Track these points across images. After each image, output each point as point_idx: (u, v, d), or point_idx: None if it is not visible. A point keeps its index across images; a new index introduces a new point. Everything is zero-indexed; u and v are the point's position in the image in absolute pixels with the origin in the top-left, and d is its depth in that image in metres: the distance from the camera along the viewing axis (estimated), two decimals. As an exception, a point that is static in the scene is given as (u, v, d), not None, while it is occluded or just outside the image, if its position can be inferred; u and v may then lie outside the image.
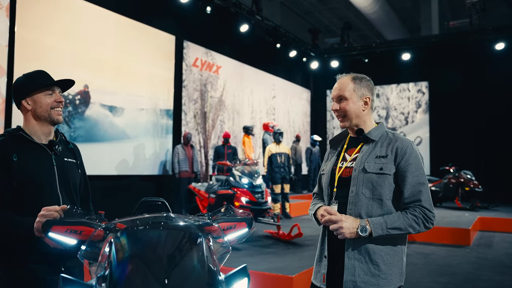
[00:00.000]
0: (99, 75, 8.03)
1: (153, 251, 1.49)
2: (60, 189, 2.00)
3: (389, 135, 1.97)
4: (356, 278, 1.86)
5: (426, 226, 1.86)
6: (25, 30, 6.81)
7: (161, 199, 2.17)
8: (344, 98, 1.98)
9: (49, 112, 2.00)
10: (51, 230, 1.60)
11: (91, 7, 7.93)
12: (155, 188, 9.52)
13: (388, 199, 1.88)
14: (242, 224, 1.82)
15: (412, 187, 1.86)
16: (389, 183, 1.88)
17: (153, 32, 9.42)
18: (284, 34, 13.38)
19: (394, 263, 1.89)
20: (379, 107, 15.68)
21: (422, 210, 1.84)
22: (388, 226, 1.80)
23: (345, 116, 1.99)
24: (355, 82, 1.99)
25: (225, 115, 11.73)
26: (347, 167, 1.97)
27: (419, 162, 1.90)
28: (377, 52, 14.90)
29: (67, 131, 7.38)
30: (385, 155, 1.90)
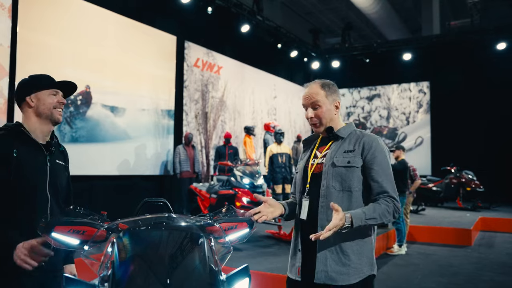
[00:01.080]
0: (101, 75, 8.04)
1: (155, 251, 1.50)
2: (49, 190, 2.03)
3: (357, 132, 2.09)
4: (327, 268, 1.94)
5: (394, 216, 1.96)
6: (27, 30, 6.83)
7: (163, 199, 2.18)
8: (318, 105, 2.07)
9: (51, 111, 2.04)
10: (54, 230, 1.61)
11: (92, 7, 7.94)
12: (157, 188, 9.53)
13: (358, 191, 1.99)
14: (243, 225, 1.83)
15: (379, 179, 1.96)
16: (357, 176, 1.98)
17: (155, 32, 9.43)
18: (285, 34, 13.38)
19: (363, 252, 1.97)
20: (380, 107, 15.68)
21: (391, 200, 1.95)
22: (366, 217, 1.88)
23: (320, 122, 2.09)
24: (324, 89, 2.08)
25: (226, 115, 11.73)
26: (318, 163, 2.08)
27: (385, 156, 2.01)
28: (378, 52, 14.89)
29: (68, 131, 7.40)
30: (353, 150, 2.01)
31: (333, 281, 1.93)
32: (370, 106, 15.91)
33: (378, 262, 6.27)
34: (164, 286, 1.38)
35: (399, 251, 6.89)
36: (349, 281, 1.93)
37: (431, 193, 11.55)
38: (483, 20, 14.17)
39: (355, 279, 1.94)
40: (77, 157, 7.55)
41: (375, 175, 1.96)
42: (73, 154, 7.45)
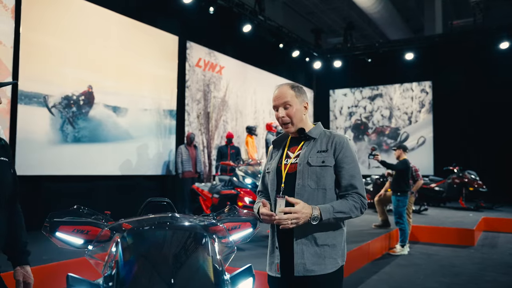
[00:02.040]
0: (103, 75, 8.05)
1: (159, 251, 1.50)
2: None
3: (326, 133, 2.20)
4: (305, 261, 2.04)
5: (361, 211, 2.10)
6: (30, 31, 6.84)
7: (166, 199, 2.18)
8: (289, 105, 2.15)
9: None
10: (58, 230, 1.61)
11: (94, 8, 7.96)
12: (159, 188, 9.54)
13: (331, 188, 2.10)
14: (247, 225, 1.83)
15: (349, 176, 2.09)
16: (331, 174, 2.10)
17: (156, 32, 9.44)
18: (287, 34, 13.37)
19: (337, 244, 2.10)
20: (382, 107, 15.65)
21: (359, 196, 2.08)
22: (334, 210, 2.00)
23: (290, 122, 2.17)
24: (294, 89, 2.18)
25: (228, 115, 11.73)
26: (292, 163, 2.16)
27: (354, 155, 2.14)
28: (380, 52, 14.87)
29: (71, 131, 7.41)
30: (326, 150, 2.12)
31: (311, 272, 2.03)
32: (372, 106, 15.88)
33: (380, 262, 6.25)
34: (169, 285, 1.38)
35: (402, 251, 6.88)
36: (326, 271, 2.04)
37: (433, 193, 11.53)
38: (486, 19, 14.11)
39: (331, 269, 2.05)
40: (80, 157, 7.57)
41: (345, 173, 2.08)
42: (76, 154, 7.50)
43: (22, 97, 6.71)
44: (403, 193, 6.86)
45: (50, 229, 1.61)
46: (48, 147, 7.05)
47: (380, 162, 6.95)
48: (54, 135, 7.15)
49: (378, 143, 15.49)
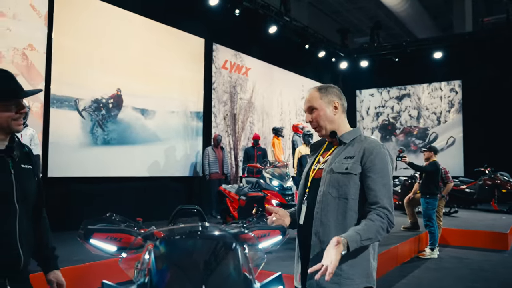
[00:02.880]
0: (131, 79, 8.20)
1: (190, 260, 1.52)
2: (17, 199, 1.76)
3: (361, 138, 2.02)
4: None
5: (387, 231, 1.87)
6: (61, 37, 7.03)
7: (196, 207, 2.20)
8: (314, 108, 2.05)
9: (9, 123, 1.75)
10: (92, 237, 1.66)
11: (123, 13, 8.11)
12: (186, 189, 9.64)
13: (354, 199, 1.91)
14: (276, 232, 1.84)
15: (375, 188, 1.88)
16: (354, 183, 1.91)
17: (183, 35, 9.54)
18: (313, 34, 13.31)
19: (357, 264, 1.90)
20: (410, 107, 15.40)
21: (385, 214, 1.85)
22: (361, 238, 1.79)
23: (318, 125, 2.06)
24: (320, 91, 2.06)
25: (254, 116, 11.76)
26: (319, 169, 2.05)
27: (385, 164, 1.92)
28: (408, 51, 14.62)
29: (101, 134, 7.57)
30: (353, 156, 1.94)
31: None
32: (400, 106, 15.64)
33: (409, 266, 6.15)
34: None
35: (431, 255, 6.75)
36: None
37: (464, 195, 11.26)
38: (519, 16, 13.69)
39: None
40: (109, 159, 7.73)
41: (371, 183, 1.88)
42: (105, 156, 7.66)
43: (54, 101, 6.90)
44: (432, 195, 6.73)
45: (85, 236, 1.67)
46: (79, 150, 7.23)
47: (408, 164, 6.84)
48: (85, 138, 7.33)
49: (406, 143, 15.24)
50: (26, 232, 1.82)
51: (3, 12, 6.36)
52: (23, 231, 1.79)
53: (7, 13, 6.40)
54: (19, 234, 1.76)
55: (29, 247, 1.83)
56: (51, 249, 2.02)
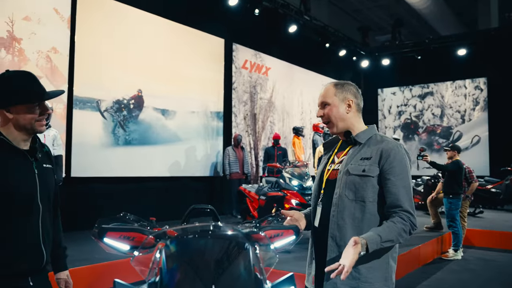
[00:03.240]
0: (152, 79, 8.29)
1: (201, 259, 1.52)
2: (40, 199, 1.81)
3: (377, 137, 1.95)
4: (336, 280, 1.82)
5: (411, 233, 1.82)
6: (84, 39, 7.16)
7: (210, 206, 2.21)
8: (326, 103, 1.98)
9: (32, 124, 1.79)
10: (106, 235, 1.68)
11: (143, 14, 8.21)
12: (207, 189, 9.69)
13: (371, 202, 1.85)
14: (289, 232, 1.82)
15: (396, 191, 1.82)
16: (372, 185, 1.85)
17: (203, 36, 9.60)
18: (333, 33, 13.21)
19: (376, 267, 1.85)
20: (433, 105, 15.13)
21: (408, 217, 1.80)
22: (382, 240, 1.75)
23: (330, 122, 1.99)
24: (336, 87, 2.00)
25: (275, 116, 11.75)
26: (334, 169, 1.98)
27: (404, 165, 1.86)
28: (431, 48, 14.36)
29: (122, 134, 7.67)
30: (369, 157, 1.88)
31: None
32: (423, 104, 15.39)
33: (431, 267, 6.02)
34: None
35: (455, 256, 6.62)
36: None
37: (489, 195, 11.01)
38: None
39: None
40: (131, 159, 7.83)
41: (391, 186, 1.82)
42: (127, 156, 7.76)
43: (77, 102, 7.02)
44: (455, 195, 6.60)
45: (99, 235, 1.69)
46: (101, 150, 7.34)
47: (430, 163, 6.72)
48: (106, 138, 7.44)
49: (429, 142, 14.99)
50: (48, 230, 1.88)
51: (29, 17, 6.51)
52: (45, 230, 1.84)
53: (33, 18, 6.55)
54: (42, 232, 1.82)
55: (49, 244, 1.89)
56: (62, 249, 2.08)
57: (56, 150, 4.97)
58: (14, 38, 6.34)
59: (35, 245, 1.79)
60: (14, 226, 1.73)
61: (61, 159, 5.01)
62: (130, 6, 7.96)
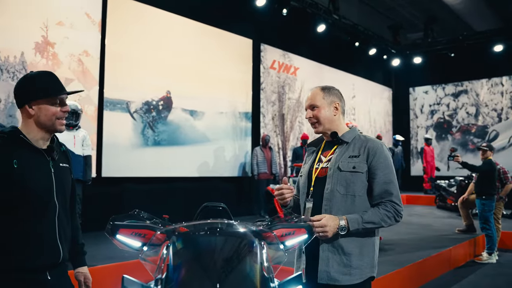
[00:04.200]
0: (180, 81, 8.40)
1: (207, 257, 1.53)
2: (56, 196, 1.88)
3: (361, 137, 2.16)
4: (330, 269, 2.01)
5: (396, 220, 2.05)
6: (114, 42, 7.33)
7: (222, 204, 2.23)
8: (315, 106, 2.18)
9: (53, 122, 1.86)
10: (118, 232, 1.72)
11: (172, 17, 8.33)
12: (235, 189, 9.73)
13: (361, 195, 2.05)
14: (302, 231, 1.82)
15: (383, 184, 2.04)
16: (362, 181, 2.05)
17: (231, 37, 9.65)
18: (363, 32, 13.03)
19: (365, 254, 2.05)
20: (468, 104, 14.69)
21: (392, 205, 2.03)
22: (363, 221, 1.98)
23: (317, 122, 2.18)
24: (324, 91, 2.22)
25: (303, 116, 11.68)
26: (323, 167, 2.15)
27: (389, 161, 2.08)
28: (465, 45, 13.95)
29: (151, 135, 7.81)
30: (358, 155, 2.08)
31: (335, 281, 2.00)
32: (456, 103, 14.97)
33: (463, 270, 5.87)
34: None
35: (489, 260, 6.41)
36: (351, 281, 2.00)
37: (527, 196, 10.59)
38: None
39: (357, 280, 2.01)
40: (160, 160, 7.95)
41: (378, 180, 2.03)
42: (156, 156, 7.89)
43: (107, 103, 7.20)
44: (488, 196, 6.39)
45: (112, 231, 1.73)
46: (131, 151, 7.50)
47: (461, 163, 6.53)
48: (136, 139, 7.59)
49: (463, 142, 14.57)
50: (65, 227, 1.94)
51: (62, 22, 6.72)
52: (62, 227, 1.90)
53: (65, 23, 6.76)
54: (58, 229, 1.88)
55: (67, 241, 1.95)
56: (80, 245, 2.14)
57: (86, 151, 5.11)
58: (48, 42, 6.56)
59: (52, 241, 1.85)
60: (31, 222, 1.79)
61: (90, 159, 5.14)
62: (158, 8, 8.09)
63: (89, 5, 7.07)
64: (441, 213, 10.51)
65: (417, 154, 15.49)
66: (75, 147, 4.95)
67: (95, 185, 6.38)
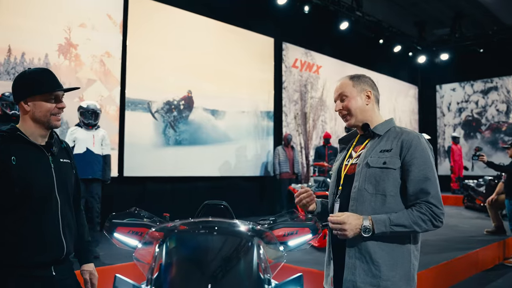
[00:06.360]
0: (202, 80, 8.41)
1: (199, 256, 1.49)
2: (58, 192, 1.89)
3: (396, 129, 1.89)
4: (356, 278, 1.77)
5: (434, 224, 1.74)
6: (135, 43, 7.40)
7: (223, 202, 2.18)
8: (345, 96, 1.95)
9: (48, 118, 1.87)
10: (116, 230, 1.70)
11: (193, 16, 8.35)
12: (257, 189, 9.70)
13: (393, 195, 1.78)
14: (305, 230, 1.75)
15: (418, 182, 1.75)
16: (394, 178, 1.78)
17: (252, 36, 9.62)
18: (387, 29, 12.79)
19: (398, 264, 1.77)
20: (498, 101, 14.23)
21: (429, 206, 1.73)
22: (391, 223, 1.71)
23: (348, 114, 1.95)
24: (353, 80, 1.97)
25: (326, 115, 11.56)
26: (352, 164, 1.91)
27: (427, 156, 1.78)
28: (494, 40, 13.53)
29: (173, 134, 7.85)
30: (390, 149, 1.81)
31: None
32: (486, 100, 14.53)
33: (491, 274, 5.64)
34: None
35: (519, 262, 6.17)
36: None
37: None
38: None
39: None
40: (181, 159, 7.98)
41: (413, 178, 1.76)
42: (177, 156, 7.92)
43: (129, 104, 7.26)
44: (518, 197, 6.15)
45: (109, 229, 1.72)
46: (152, 150, 7.55)
47: (487, 163, 6.29)
48: (157, 139, 7.64)
49: (493, 140, 14.12)
50: (69, 223, 1.94)
51: (84, 24, 6.83)
52: (65, 222, 1.91)
53: (88, 24, 6.86)
54: (62, 224, 1.89)
55: (71, 236, 1.95)
56: (86, 242, 2.13)
57: (105, 150, 5.15)
58: (71, 44, 6.66)
59: (55, 236, 1.86)
60: (33, 218, 1.81)
61: (109, 158, 5.19)
62: (179, 8, 8.13)
63: (110, 6, 7.15)
64: (469, 213, 10.21)
65: (444, 153, 15.12)
66: (94, 147, 4.99)
67: (116, 184, 6.45)
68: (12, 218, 1.79)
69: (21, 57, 6.14)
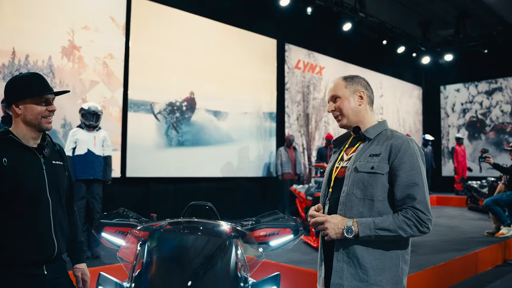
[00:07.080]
0: (204, 81, 8.48)
1: (178, 255, 1.54)
2: (49, 193, 1.94)
3: (387, 133, 1.88)
4: (343, 282, 1.77)
5: (420, 230, 1.72)
6: (138, 44, 7.47)
7: (208, 203, 2.23)
8: (337, 96, 1.95)
9: (39, 121, 1.93)
10: (103, 230, 1.76)
11: (195, 18, 8.41)
12: (260, 190, 9.74)
13: (381, 200, 1.77)
14: (287, 231, 1.79)
15: (405, 187, 1.74)
16: (382, 183, 1.77)
17: (255, 37, 9.67)
18: (391, 29, 12.78)
19: (385, 269, 1.76)
20: (503, 102, 14.18)
21: (415, 212, 1.72)
22: (376, 226, 1.71)
23: (341, 114, 1.95)
24: (346, 80, 1.97)
25: (329, 116, 11.57)
26: (342, 167, 1.91)
27: (415, 161, 1.77)
28: (499, 41, 13.48)
29: (175, 135, 7.92)
30: (379, 154, 1.80)
31: None
32: (490, 101, 14.47)
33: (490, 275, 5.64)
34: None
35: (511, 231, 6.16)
36: None
37: None
38: None
39: None
40: (183, 160, 8.05)
41: (400, 183, 1.74)
42: (180, 157, 7.99)
43: (132, 105, 7.34)
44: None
45: (97, 229, 1.78)
46: (155, 151, 7.62)
47: (493, 165, 6.31)
48: (160, 140, 7.71)
49: (498, 141, 14.07)
50: (61, 223, 2.00)
51: (88, 26, 6.91)
52: (57, 222, 1.97)
53: (91, 26, 6.94)
54: (53, 224, 1.94)
55: (63, 236, 2.00)
56: (79, 242, 2.18)
57: (106, 151, 5.23)
58: (74, 46, 6.75)
59: (47, 236, 1.92)
60: (25, 218, 1.87)
61: (110, 159, 5.26)
62: (181, 10, 8.20)
63: (113, 9, 7.23)
64: (472, 214, 10.20)
65: (448, 154, 15.08)
66: (95, 148, 5.07)
67: (119, 185, 6.52)
68: (3, 217, 1.84)
69: (25, 59, 6.24)
